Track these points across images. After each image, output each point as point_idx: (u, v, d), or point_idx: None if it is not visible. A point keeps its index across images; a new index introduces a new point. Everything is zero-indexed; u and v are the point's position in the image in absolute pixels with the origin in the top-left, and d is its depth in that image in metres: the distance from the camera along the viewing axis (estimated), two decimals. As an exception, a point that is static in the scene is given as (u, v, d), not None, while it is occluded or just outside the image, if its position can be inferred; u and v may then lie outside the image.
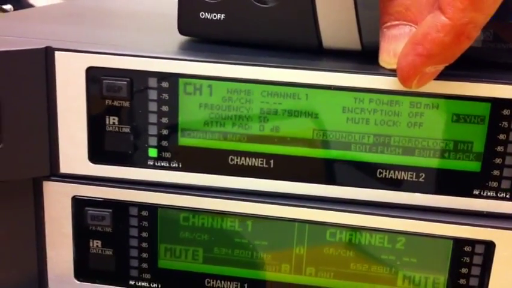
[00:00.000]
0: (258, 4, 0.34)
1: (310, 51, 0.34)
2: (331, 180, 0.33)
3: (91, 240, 0.35)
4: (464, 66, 0.28)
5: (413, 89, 0.30)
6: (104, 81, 0.32)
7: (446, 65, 0.28)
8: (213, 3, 0.34)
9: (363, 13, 0.33)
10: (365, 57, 0.33)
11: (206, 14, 0.34)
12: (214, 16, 0.34)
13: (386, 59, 0.30)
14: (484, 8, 0.26)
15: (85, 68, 0.32)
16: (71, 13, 0.50)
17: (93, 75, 0.32)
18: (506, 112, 0.31)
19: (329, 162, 0.32)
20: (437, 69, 0.29)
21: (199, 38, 0.36)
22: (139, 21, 0.48)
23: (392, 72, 0.30)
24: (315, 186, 0.33)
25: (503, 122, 0.31)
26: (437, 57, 0.27)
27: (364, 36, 0.33)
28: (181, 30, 0.35)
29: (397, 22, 0.29)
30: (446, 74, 0.29)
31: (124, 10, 0.57)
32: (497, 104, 0.31)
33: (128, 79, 0.32)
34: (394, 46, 0.29)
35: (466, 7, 0.25)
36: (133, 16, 0.51)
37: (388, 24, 0.30)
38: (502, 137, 0.31)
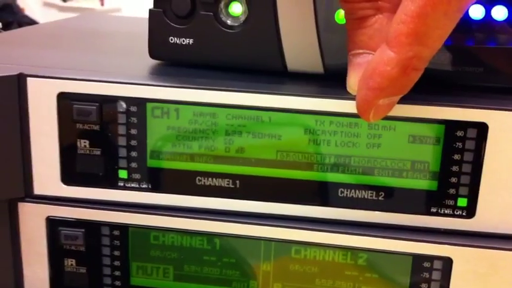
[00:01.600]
0: (225, 29, 0.35)
1: (276, 73, 0.35)
2: (294, 200, 0.34)
3: (65, 259, 0.36)
4: (421, 90, 0.29)
5: (372, 121, 0.30)
6: (74, 106, 0.33)
7: (400, 96, 0.29)
8: (181, 28, 0.35)
9: (325, 38, 0.34)
10: (327, 81, 0.34)
11: (175, 38, 0.36)
12: (183, 41, 0.36)
13: (352, 85, 0.30)
14: (429, 43, 0.26)
15: (56, 93, 0.33)
16: (49, 36, 0.51)
17: (64, 101, 0.33)
18: (460, 133, 0.32)
19: (292, 182, 0.34)
20: (391, 101, 0.29)
21: (169, 61, 0.37)
22: (117, 43, 0.49)
23: (350, 96, 0.31)
24: (279, 206, 0.34)
25: (458, 143, 0.32)
26: (388, 89, 0.28)
27: (326, 60, 0.35)
28: (152, 55, 0.37)
29: (361, 50, 0.30)
30: (402, 97, 0.30)
31: (106, 30, 0.58)
32: (451, 125, 0.32)
33: (97, 104, 0.33)
34: (358, 74, 0.30)
35: (411, 42, 0.26)
36: (112, 37, 0.52)
37: (354, 52, 0.30)
38: (457, 157, 0.32)
